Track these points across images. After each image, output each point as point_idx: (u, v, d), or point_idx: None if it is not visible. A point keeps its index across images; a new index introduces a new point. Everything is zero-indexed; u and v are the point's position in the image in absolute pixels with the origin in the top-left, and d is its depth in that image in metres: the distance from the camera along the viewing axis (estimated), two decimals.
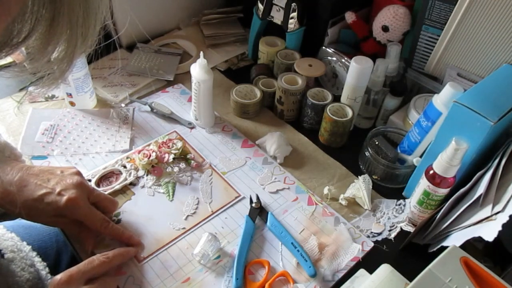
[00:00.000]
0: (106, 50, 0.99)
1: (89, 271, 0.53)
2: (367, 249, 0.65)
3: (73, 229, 0.61)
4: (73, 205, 0.57)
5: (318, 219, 0.69)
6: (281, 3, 0.88)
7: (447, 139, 0.60)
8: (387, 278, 0.57)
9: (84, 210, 0.59)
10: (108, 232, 0.61)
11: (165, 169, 0.74)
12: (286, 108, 0.85)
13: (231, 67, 0.99)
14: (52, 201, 0.57)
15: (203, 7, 1.07)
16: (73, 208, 0.58)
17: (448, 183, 0.62)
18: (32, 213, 0.58)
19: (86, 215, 0.59)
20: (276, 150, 0.77)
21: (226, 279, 0.60)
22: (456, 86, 0.67)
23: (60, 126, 0.80)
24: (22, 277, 0.56)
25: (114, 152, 0.77)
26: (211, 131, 0.83)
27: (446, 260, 0.51)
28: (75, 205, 0.57)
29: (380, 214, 0.71)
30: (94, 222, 0.60)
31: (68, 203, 0.57)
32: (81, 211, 0.59)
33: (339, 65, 0.88)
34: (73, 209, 0.58)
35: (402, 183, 0.75)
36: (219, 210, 0.69)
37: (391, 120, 0.83)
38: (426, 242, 0.65)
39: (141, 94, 0.90)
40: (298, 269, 0.62)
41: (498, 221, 0.54)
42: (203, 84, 0.77)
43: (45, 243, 0.70)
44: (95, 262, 0.55)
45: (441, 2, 0.76)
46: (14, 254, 0.58)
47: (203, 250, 0.61)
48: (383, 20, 0.83)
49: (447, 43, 0.78)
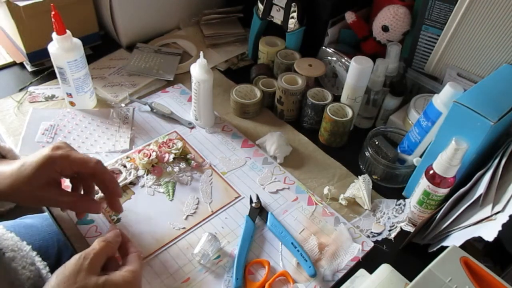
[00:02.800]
0: (106, 50, 0.99)
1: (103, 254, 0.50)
2: (367, 249, 0.65)
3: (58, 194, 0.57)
4: (66, 154, 0.55)
5: (318, 219, 0.69)
6: (281, 3, 0.88)
7: (447, 139, 0.60)
8: (387, 278, 0.57)
9: (77, 154, 0.56)
10: (101, 168, 0.57)
11: (165, 169, 0.74)
12: (286, 108, 0.85)
13: (231, 67, 0.99)
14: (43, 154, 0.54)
15: (203, 7, 1.08)
16: (61, 156, 0.54)
17: (448, 183, 0.62)
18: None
19: (78, 155, 0.56)
20: (276, 150, 0.77)
21: (226, 279, 0.60)
22: (456, 86, 0.67)
23: (60, 126, 0.80)
24: (23, 275, 0.56)
25: (114, 152, 0.77)
26: (211, 131, 0.83)
27: (446, 260, 0.51)
28: (68, 152, 0.55)
29: (380, 214, 0.71)
30: (86, 160, 0.56)
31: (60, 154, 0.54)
32: (74, 154, 0.55)
33: (339, 65, 0.88)
34: (66, 157, 0.55)
35: (402, 183, 0.75)
36: (219, 210, 0.69)
37: (391, 120, 0.83)
38: (426, 242, 0.65)
39: (141, 94, 0.90)
40: (298, 269, 0.62)
41: (498, 221, 0.54)
42: (203, 84, 0.77)
43: (46, 242, 0.70)
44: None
45: (441, 2, 0.76)
46: (14, 253, 0.58)
47: (203, 250, 0.61)
48: (383, 20, 0.83)
49: (447, 43, 0.78)
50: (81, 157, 0.56)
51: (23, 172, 0.53)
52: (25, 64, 0.93)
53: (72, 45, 0.75)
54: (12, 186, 0.53)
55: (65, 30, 0.73)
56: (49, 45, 0.75)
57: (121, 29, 0.98)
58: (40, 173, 0.53)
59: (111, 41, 1.02)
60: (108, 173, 0.58)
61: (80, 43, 0.77)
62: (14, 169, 0.53)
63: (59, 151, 0.55)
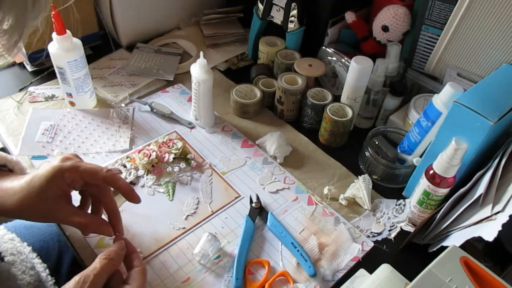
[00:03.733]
0: (106, 50, 0.99)
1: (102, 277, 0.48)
2: (367, 249, 0.65)
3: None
4: (75, 164, 0.54)
5: (318, 219, 0.69)
6: (281, 3, 0.88)
7: (447, 139, 0.60)
8: (387, 278, 0.57)
9: (87, 164, 0.55)
10: (112, 175, 0.56)
11: (165, 169, 0.74)
12: (286, 108, 0.85)
13: (231, 67, 0.99)
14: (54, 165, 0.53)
15: (203, 7, 1.08)
16: (71, 167, 0.54)
17: (448, 183, 0.62)
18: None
19: (88, 165, 0.55)
20: (276, 150, 0.77)
21: (226, 279, 0.60)
22: (456, 86, 0.67)
23: (60, 126, 0.80)
24: (23, 280, 0.56)
25: (114, 152, 0.77)
26: (211, 131, 0.83)
27: (446, 260, 0.51)
28: (76, 163, 0.54)
29: (380, 214, 0.71)
30: (97, 169, 0.55)
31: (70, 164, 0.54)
32: (84, 165, 0.55)
33: (339, 65, 0.88)
34: (76, 168, 0.54)
35: (402, 183, 0.75)
36: (219, 210, 0.69)
37: (391, 120, 0.83)
38: (426, 242, 0.65)
39: (141, 94, 0.90)
40: (298, 269, 0.62)
41: (498, 221, 0.54)
42: (203, 84, 0.77)
43: (47, 243, 0.70)
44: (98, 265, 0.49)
45: (441, 2, 0.76)
46: (14, 257, 0.57)
47: (203, 250, 0.61)
48: (383, 20, 0.83)
49: (447, 43, 0.78)
50: (92, 167, 0.55)
51: (33, 186, 0.51)
52: (25, 64, 0.93)
53: (72, 45, 0.75)
54: (21, 201, 0.51)
55: (65, 30, 0.73)
56: (49, 45, 0.75)
57: (121, 29, 0.98)
58: (50, 185, 0.52)
59: (111, 41, 1.02)
60: (121, 180, 0.57)
61: (80, 43, 0.77)
62: (23, 184, 0.52)
63: (68, 162, 0.54)
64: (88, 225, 0.54)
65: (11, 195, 0.51)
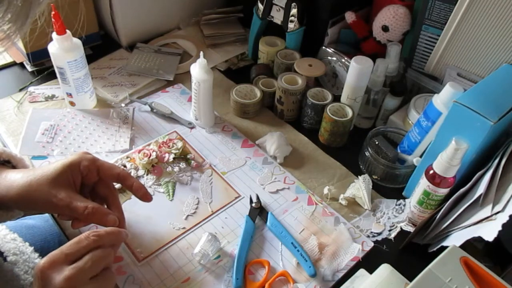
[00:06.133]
0: (106, 50, 0.99)
1: (74, 253, 0.48)
2: (367, 249, 0.65)
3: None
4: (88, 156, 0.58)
5: (318, 219, 0.69)
6: (281, 3, 0.88)
7: (447, 139, 0.60)
8: (387, 278, 0.57)
9: (104, 161, 0.59)
10: (126, 174, 0.59)
11: (165, 169, 0.74)
12: (286, 108, 0.85)
13: (231, 67, 0.99)
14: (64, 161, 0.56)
15: (203, 7, 1.08)
16: (91, 158, 0.58)
17: (448, 183, 0.62)
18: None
19: (105, 162, 0.59)
20: (276, 150, 0.77)
21: (226, 279, 0.60)
22: (456, 86, 0.67)
23: (60, 126, 0.80)
24: (26, 280, 0.56)
25: (114, 152, 0.77)
26: (211, 131, 0.83)
27: (446, 260, 0.51)
28: (89, 155, 0.58)
29: (380, 214, 0.71)
30: (113, 165, 0.59)
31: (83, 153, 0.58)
32: (102, 161, 0.59)
33: (339, 65, 0.88)
34: (95, 160, 0.58)
35: (402, 183, 0.75)
36: (219, 210, 0.69)
37: (391, 120, 0.83)
38: (426, 242, 0.65)
39: (141, 94, 0.90)
40: (298, 269, 0.62)
41: (498, 221, 0.54)
42: (203, 84, 0.77)
43: (48, 243, 0.70)
44: (83, 242, 0.49)
45: (441, 2, 0.76)
46: (16, 257, 0.57)
47: (203, 250, 0.61)
48: (383, 20, 0.83)
49: (447, 43, 0.78)
50: (108, 163, 0.59)
51: (47, 168, 0.54)
52: (25, 64, 0.93)
53: (72, 45, 0.75)
54: (30, 181, 0.53)
55: (65, 30, 0.73)
56: (49, 45, 0.75)
57: (121, 29, 0.98)
58: (65, 169, 0.55)
59: (111, 41, 1.02)
60: (134, 179, 0.60)
61: (80, 43, 0.77)
62: (32, 170, 0.55)
63: (88, 155, 0.58)
64: (95, 212, 0.54)
65: (18, 179, 0.54)
